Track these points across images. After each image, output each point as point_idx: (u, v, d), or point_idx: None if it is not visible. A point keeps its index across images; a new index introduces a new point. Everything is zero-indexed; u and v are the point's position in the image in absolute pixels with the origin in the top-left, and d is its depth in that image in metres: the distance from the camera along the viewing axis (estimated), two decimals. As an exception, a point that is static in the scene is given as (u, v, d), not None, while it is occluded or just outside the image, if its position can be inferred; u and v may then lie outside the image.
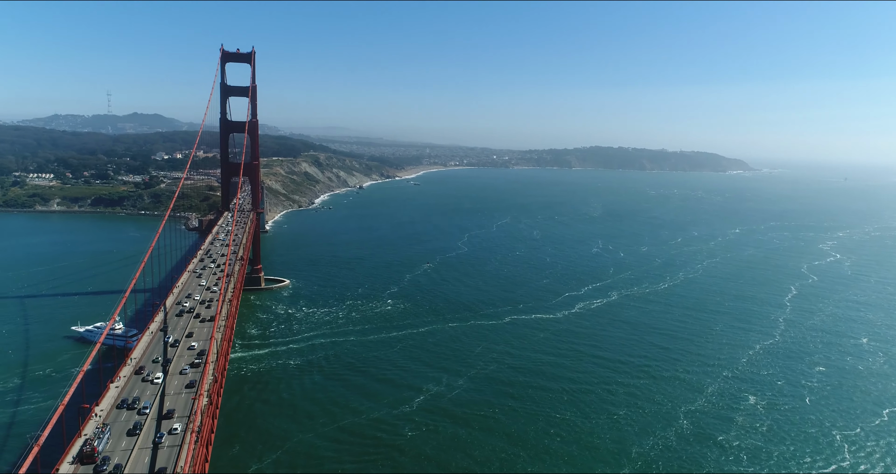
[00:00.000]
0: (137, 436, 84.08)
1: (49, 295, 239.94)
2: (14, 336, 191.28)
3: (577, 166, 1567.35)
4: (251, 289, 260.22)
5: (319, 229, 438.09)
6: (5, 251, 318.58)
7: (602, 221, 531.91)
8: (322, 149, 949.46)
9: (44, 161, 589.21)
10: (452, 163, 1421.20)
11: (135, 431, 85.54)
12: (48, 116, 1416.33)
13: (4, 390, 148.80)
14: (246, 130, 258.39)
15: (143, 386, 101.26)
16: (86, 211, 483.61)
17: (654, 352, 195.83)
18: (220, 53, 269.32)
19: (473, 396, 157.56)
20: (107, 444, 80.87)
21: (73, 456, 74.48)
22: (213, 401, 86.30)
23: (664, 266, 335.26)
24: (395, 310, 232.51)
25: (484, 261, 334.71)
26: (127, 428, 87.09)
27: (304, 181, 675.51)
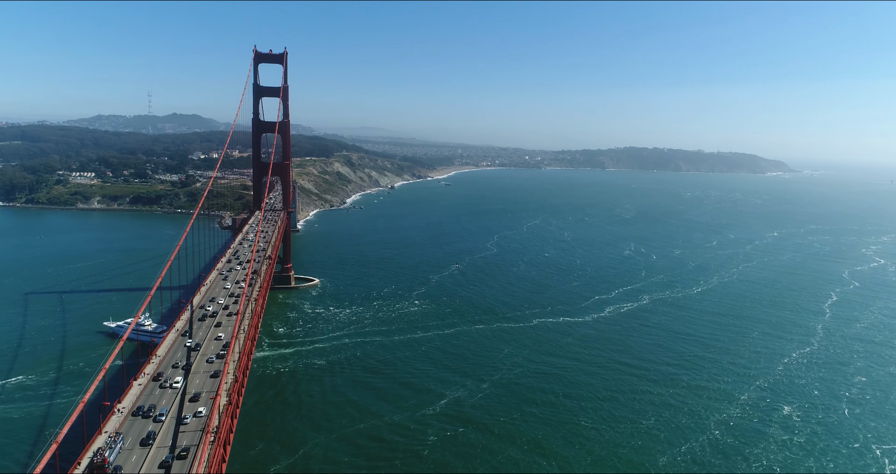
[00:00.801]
0: (150, 446, 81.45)
1: (86, 290, 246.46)
2: (52, 330, 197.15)
3: (610, 167, 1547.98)
4: (281, 287, 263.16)
5: (349, 229, 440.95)
6: (48, 247, 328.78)
7: (635, 223, 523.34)
8: (355, 150, 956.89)
9: (86, 160, 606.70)
10: (484, 164, 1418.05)
11: (148, 441, 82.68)
12: (92, 117, 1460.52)
13: (39, 383, 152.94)
14: (276, 130, 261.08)
15: (161, 393, 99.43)
16: (124, 209, 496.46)
17: (684, 360, 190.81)
18: (253, 54, 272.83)
19: (496, 402, 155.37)
20: (118, 454, 78.57)
21: (84, 468, 72.42)
22: (233, 401, 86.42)
23: (698, 270, 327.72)
24: (421, 311, 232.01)
25: (512, 262, 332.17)
26: (141, 437, 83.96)
27: (336, 181, 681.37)
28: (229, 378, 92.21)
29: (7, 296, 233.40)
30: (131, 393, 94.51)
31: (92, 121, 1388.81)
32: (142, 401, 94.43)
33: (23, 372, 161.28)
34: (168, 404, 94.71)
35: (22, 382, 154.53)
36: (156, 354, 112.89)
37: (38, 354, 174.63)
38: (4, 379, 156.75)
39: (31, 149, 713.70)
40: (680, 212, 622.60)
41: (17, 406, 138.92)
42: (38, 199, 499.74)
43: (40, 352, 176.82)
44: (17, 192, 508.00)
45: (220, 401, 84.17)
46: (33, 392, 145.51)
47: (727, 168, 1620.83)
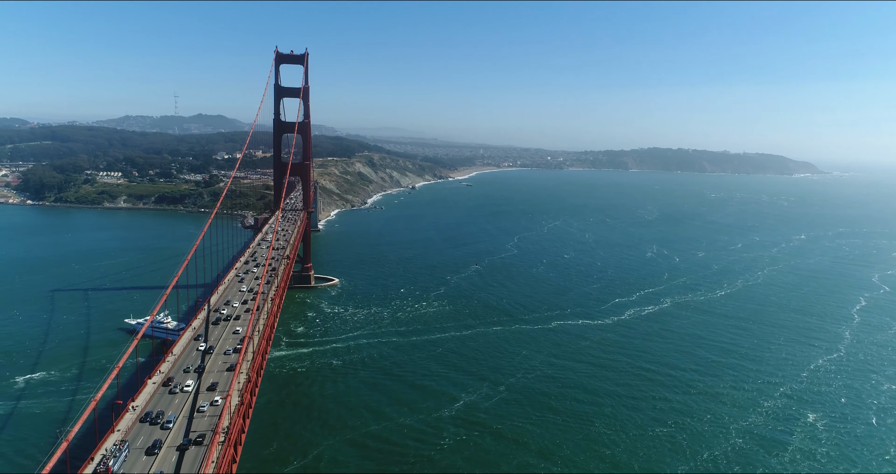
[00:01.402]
0: (156, 456, 79.03)
1: (109, 288, 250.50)
2: (75, 326, 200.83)
3: (633, 168, 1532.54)
4: (301, 286, 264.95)
5: (370, 229, 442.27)
6: (74, 245, 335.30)
7: (657, 225, 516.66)
8: (377, 150, 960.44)
9: (113, 160, 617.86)
10: (506, 164, 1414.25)
11: (154, 450, 79.89)
12: (120, 117, 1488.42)
13: (60, 379, 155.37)
14: (296, 130, 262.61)
15: (170, 398, 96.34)
16: (149, 208, 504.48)
17: (705, 366, 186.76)
18: (275, 55, 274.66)
19: (511, 406, 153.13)
20: (123, 463, 75.94)
21: None
22: (245, 401, 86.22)
23: (721, 273, 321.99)
24: (439, 312, 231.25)
25: (532, 264, 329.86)
26: (147, 445, 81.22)
27: (357, 181, 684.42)
28: (242, 377, 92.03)
29: (34, 293, 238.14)
30: (145, 391, 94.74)
31: (120, 121, 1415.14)
32: (150, 407, 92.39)
33: (46, 367, 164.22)
34: (177, 410, 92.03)
35: (45, 378, 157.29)
36: (172, 352, 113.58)
37: (60, 350, 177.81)
38: (29, 374, 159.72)
39: (60, 149, 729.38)
40: (704, 214, 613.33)
41: (39, 401, 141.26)
42: (67, 198, 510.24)
43: (63, 348, 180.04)
44: (47, 191, 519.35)
45: (232, 401, 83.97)
46: (54, 388, 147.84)
47: (753, 169, 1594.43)
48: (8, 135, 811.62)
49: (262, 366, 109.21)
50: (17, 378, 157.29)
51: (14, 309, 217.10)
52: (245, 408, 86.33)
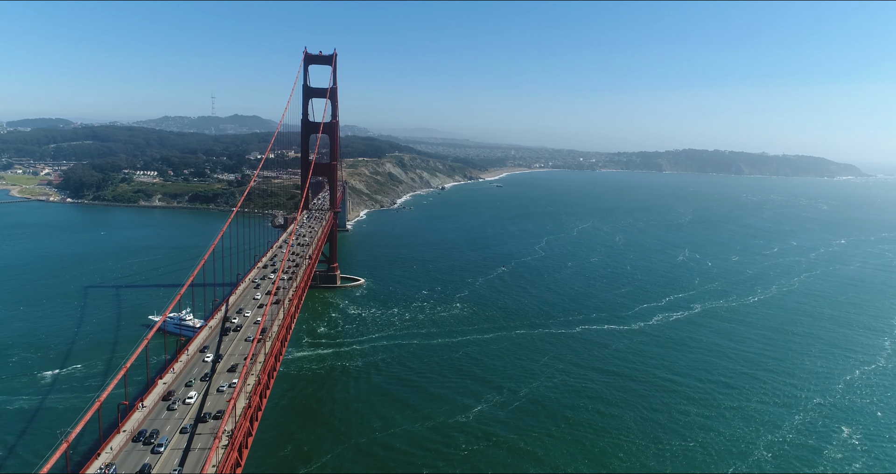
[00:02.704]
0: (160, 454, 77.18)
1: (140, 285, 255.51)
2: (105, 322, 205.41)
3: (668, 170, 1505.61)
4: (327, 286, 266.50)
5: (398, 229, 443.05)
6: (109, 243, 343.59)
7: (690, 228, 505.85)
8: (407, 150, 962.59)
9: (150, 159, 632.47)
10: (537, 166, 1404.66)
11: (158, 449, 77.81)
12: (159, 118, 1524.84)
13: (86, 375, 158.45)
14: (321, 130, 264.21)
15: (169, 415, 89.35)
16: (183, 207, 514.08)
17: (735, 376, 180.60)
18: (304, 56, 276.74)
19: (528, 417, 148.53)
20: None
21: None
22: (253, 403, 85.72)
23: (755, 278, 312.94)
24: (462, 315, 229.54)
25: (560, 266, 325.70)
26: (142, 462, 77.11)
27: (387, 181, 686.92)
28: (251, 379, 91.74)
29: (69, 289, 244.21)
30: (155, 391, 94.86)
31: (159, 121, 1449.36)
32: (145, 425, 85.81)
33: (72, 363, 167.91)
34: (175, 429, 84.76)
35: (70, 373, 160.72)
36: (187, 350, 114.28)
37: (87, 346, 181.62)
38: (58, 369, 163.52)
39: (100, 149, 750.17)
40: (739, 218, 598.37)
41: (63, 397, 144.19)
42: (105, 196, 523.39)
43: (90, 344, 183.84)
44: (86, 190, 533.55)
45: (239, 404, 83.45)
46: (79, 383, 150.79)
47: (793, 171, 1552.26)
48: (52, 135, 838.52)
49: (276, 368, 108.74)
50: (45, 372, 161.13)
51: (49, 304, 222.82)
52: (253, 411, 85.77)
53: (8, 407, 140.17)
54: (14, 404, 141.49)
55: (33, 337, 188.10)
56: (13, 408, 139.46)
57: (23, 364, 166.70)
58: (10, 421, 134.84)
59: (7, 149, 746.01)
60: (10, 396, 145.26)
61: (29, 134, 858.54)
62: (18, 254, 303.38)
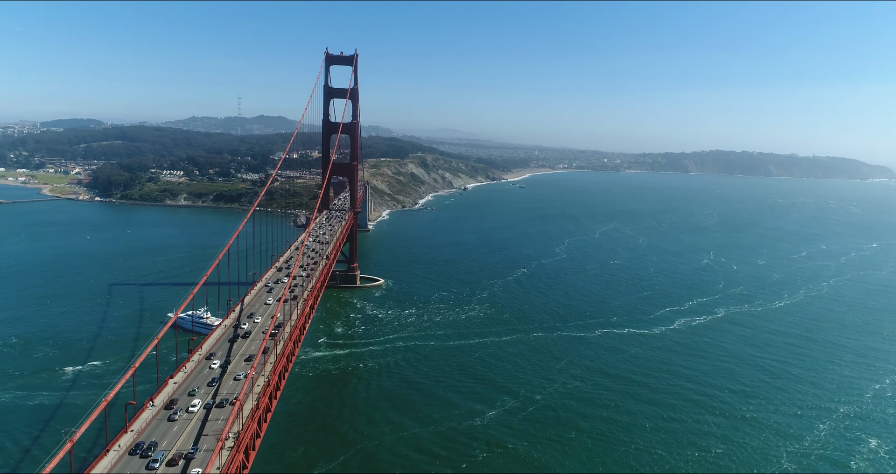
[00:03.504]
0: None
1: (163, 283, 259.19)
2: (126, 319, 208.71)
3: (694, 171, 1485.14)
4: (347, 286, 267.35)
5: (419, 230, 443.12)
6: (135, 241, 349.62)
7: (716, 230, 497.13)
8: (430, 151, 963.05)
9: (176, 159, 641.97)
10: (561, 166, 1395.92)
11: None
12: (187, 118, 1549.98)
13: (105, 372, 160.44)
14: (341, 131, 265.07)
15: (168, 427, 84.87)
16: (208, 206, 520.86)
17: (758, 383, 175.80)
18: (325, 56, 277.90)
19: (543, 423, 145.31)
20: None
21: None
22: (262, 405, 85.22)
23: (782, 283, 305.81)
24: (480, 316, 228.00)
25: (581, 268, 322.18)
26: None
27: (409, 182, 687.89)
28: (261, 380, 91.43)
29: (94, 287, 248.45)
30: (165, 391, 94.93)
31: (186, 122, 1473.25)
32: (144, 436, 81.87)
33: (94, 359, 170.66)
34: (173, 441, 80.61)
35: (91, 370, 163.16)
36: (201, 348, 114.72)
37: (109, 343, 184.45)
38: (79, 366, 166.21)
39: (129, 149, 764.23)
40: (766, 220, 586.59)
41: (82, 393, 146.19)
42: (132, 196, 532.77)
43: (111, 341, 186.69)
44: (114, 189, 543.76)
45: (247, 405, 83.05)
46: (97, 380, 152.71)
47: (823, 173, 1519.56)
48: (82, 135, 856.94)
49: (288, 369, 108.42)
50: (66, 368, 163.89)
51: (74, 301, 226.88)
52: (262, 412, 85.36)
53: (28, 402, 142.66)
54: (34, 400, 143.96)
55: (57, 333, 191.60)
56: (33, 404, 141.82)
57: (46, 359, 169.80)
58: (28, 417, 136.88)
59: (39, 149, 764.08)
60: (31, 392, 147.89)
61: (61, 134, 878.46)
62: (47, 252, 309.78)
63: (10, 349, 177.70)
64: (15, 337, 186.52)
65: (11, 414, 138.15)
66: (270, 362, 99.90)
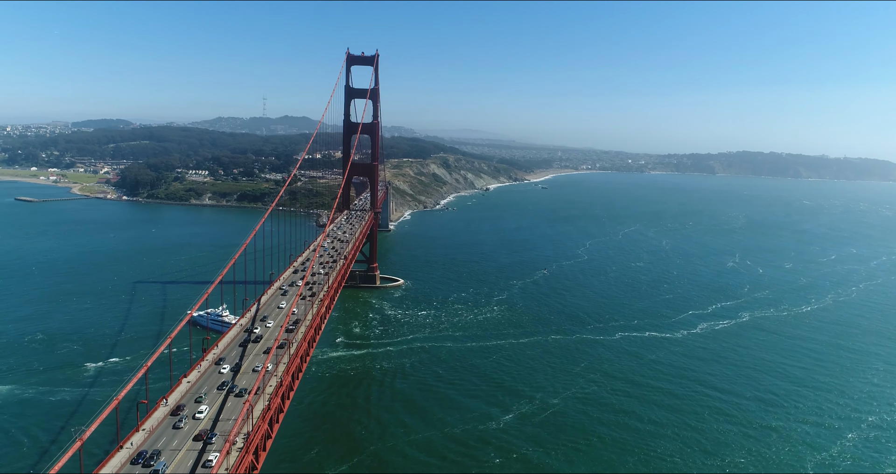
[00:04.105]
0: None
1: (185, 281, 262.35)
2: (149, 317, 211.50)
3: (721, 172, 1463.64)
4: (366, 286, 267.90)
5: (440, 230, 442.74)
6: (160, 240, 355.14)
7: (742, 233, 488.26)
8: (452, 151, 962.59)
9: (202, 159, 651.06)
10: (584, 167, 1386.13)
11: None
12: (213, 119, 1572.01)
13: (126, 368, 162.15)
14: (360, 131, 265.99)
15: (174, 434, 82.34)
16: (232, 205, 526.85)
17: (782, 391, 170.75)
18: (346, 56, 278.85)
19: (560, 427, 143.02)
20: None
21: None
22: (273, 405, 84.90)
23: (809, 287, 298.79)
24: (499, 317, 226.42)
25: (603, 270, 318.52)
26: None
27: (431, 182, 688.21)
28: (273, 380, 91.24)
29: (119, 285, 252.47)
30: (178, 389, 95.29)
31: (213, 122, 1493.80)
32: (147, 445, 78.94)
33: (115, 356, 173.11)
34: (177, 450, 78.00)
35: (113, 366, 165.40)
36: (217, 345, 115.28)
37: (131, 340, 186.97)
38: (102, 362, 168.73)
39: (156, 149, 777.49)
40: (795, 223, 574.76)
41: (102, 390, 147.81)
42: (158, 195, 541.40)
43: (133, 337, 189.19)
44: (141, 188, 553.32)
45: (258, 406, 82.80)
46: (118, 377, 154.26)
47: (855, 175, 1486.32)
48: (111, 135, 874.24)
49: (302, 369, 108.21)
50: (88, 364, 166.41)
51: (99, 298, 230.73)
52: (274, 413, 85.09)
53: (50, 398, 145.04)
54: (56, 395, 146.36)
55: (81, 329, 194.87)
56: (54, 400, 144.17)
57: (69, 355, 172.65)
58: (47, 413, 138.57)
59: (70, 149, 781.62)
60: (53, 387, 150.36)
61: (91, 134, 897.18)
62: (73, 250, 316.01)
63: (36, 345, 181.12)
64: (41, 333, 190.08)
65: (32, 410, 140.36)
66: (284, 362, 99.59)
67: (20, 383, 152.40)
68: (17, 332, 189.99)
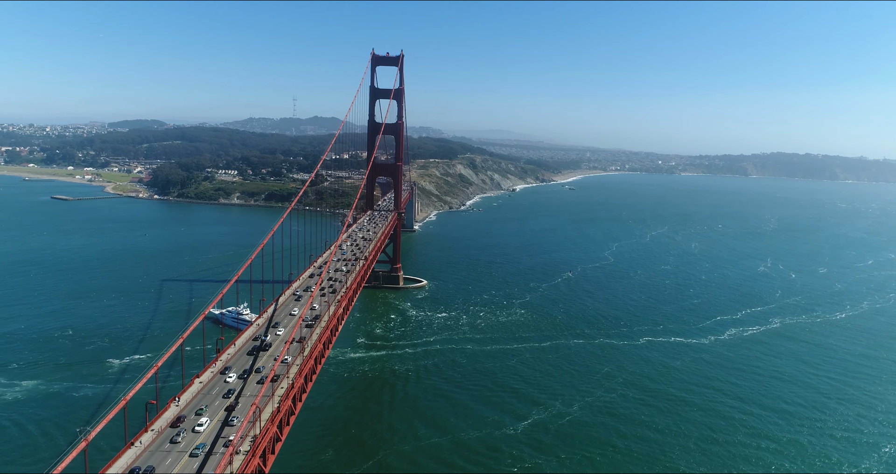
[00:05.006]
0: None
1: (211, 280, 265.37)
2: (174, 314, 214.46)
3: (754, 174, 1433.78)
4: (390, 287, 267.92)
5: (465, 231, 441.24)
6: (188, 238, 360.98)
7: (775, 236, 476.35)
8: (480, 152, 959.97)
9: (231, 159, 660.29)
10: (613, 168, 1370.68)
11: None
12: (244, 119, 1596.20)
13: (149, 365, 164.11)
14: (381, 131, 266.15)
15: (171, 449, 78.22)
16: (259, 205, 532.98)
17: (813, 400, 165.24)
18: (371, 57, 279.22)
19: (578, 435, 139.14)
20: None
21: None
22: (283, 408, 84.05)
23: (844, 293, 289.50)
24: (521, 320, 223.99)
25: (629, 273, 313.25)
26: None
27: (457, 183, 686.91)
28: (285, 382, 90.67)
29: (147, 282, 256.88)
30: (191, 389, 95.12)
31: (244, 123, 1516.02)
32: (140, 461, 75.01)
33: (139, 352, 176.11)
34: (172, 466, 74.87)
35: (137, 363, 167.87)
36: (234, 344, 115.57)
37: (156, 337, 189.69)
38: (128, 358, 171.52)
39: (188, 148, 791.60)
40: (830, 226, 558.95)
41: (124, 386, 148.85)
42: (188, 194, 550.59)
43: (159, 334, 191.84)
44: (172, 187, 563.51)
45: (266, 408, 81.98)
46: (141, 374, 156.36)
47: (895, 177, 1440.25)
48: (145, 136, 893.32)
49: (316, 371, 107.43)
50: (114, 361, 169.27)
51: (127, 296, 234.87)
52: (283, 415, 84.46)
53: (73, 393, 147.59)
54: (80, 391, 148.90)
55: (109, 326, 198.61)
56: (78, 395, 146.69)
57: (95, 352, 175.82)
58: (67, 409, 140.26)
59: (105, 149, 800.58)
60: (77, 383, 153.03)
61: (125, 134, 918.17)
62: (104, 247, 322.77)
63: (65, 340, 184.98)
64: (70, 328, 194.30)
65: (53, 405, 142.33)
66: (297, 364, 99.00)
67: (46, 378, 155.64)
68: (47, 327, 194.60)
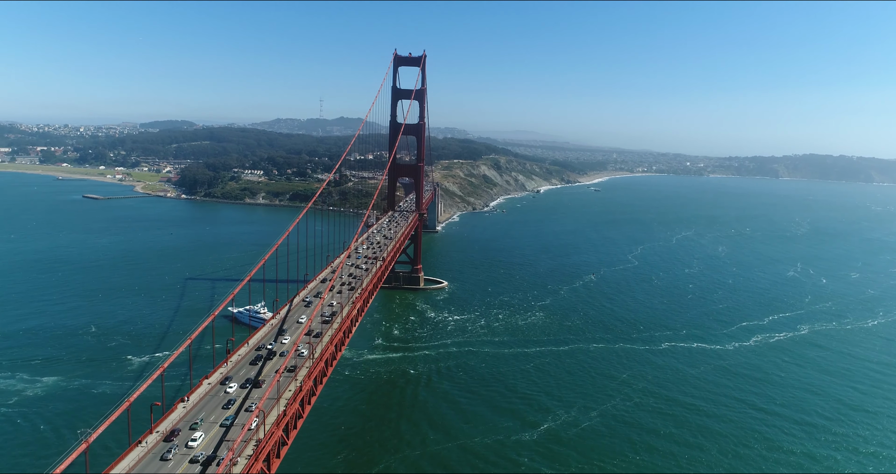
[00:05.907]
0: None
1: (233, 279, 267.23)
2: (195, 312, 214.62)
3: (785, 176, 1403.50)
4: (410, 288, 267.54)
5: (487, 232, 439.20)
6: (213, 237, 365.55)
7: (806, 240, 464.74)
8: (504, 153, 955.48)
9: (258, 159, 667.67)
10: (640, 170, 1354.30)
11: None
12: (271, 120, 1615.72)
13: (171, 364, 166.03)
14: (402, 131, 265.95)
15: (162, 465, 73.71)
16: (284, 204, 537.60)
17: (839, 412, 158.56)
18: (393, 57, 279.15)
19: (596, 441, 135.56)
20: None
21: None
22: (290, 411, 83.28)
23: (877, 299, 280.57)
24: (541, 323, 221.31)
25: (653, 277, 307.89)
26: None
27: (481, 184, 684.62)
28: (293, 385, 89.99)
29: (171, 281, 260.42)
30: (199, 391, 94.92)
31: (271, 124, 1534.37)
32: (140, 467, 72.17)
33: (161, 350, 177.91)
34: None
35: (156, 361, 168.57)
36: (247, 342, 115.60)
37: (176, 334, 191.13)
38: (147, 356, 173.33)
39: (216, 149, 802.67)
40: (863, 230, 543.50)
41: (141, 385, 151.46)
42: (215, 194, 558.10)
43: (179, 332, 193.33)
44: (199, 187, 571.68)
45: (272, 411, 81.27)
46: (149, 373, 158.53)
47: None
48: (174, 136, 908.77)
49: (327, 374, 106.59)
50: (134, 358, 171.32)
51: (151, 294, 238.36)
52: (290, 419, 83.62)
53: (92, 390, 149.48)
54: (99, 388, 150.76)
55: (131, 323, 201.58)
56: (97, 392, 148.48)
57: (118, 349, 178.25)
58: (83, 406, 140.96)
59: (136, 149, 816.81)
60: (96, 380, 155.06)
61: (156, 134, 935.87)
62: (132, 245, 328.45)
63: (88, 337, 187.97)
64: (94, 325, 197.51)
65: (70, 402, 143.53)
66: (306, 367, 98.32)
67: (66, 374, 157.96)
68: (70, 324, 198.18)
